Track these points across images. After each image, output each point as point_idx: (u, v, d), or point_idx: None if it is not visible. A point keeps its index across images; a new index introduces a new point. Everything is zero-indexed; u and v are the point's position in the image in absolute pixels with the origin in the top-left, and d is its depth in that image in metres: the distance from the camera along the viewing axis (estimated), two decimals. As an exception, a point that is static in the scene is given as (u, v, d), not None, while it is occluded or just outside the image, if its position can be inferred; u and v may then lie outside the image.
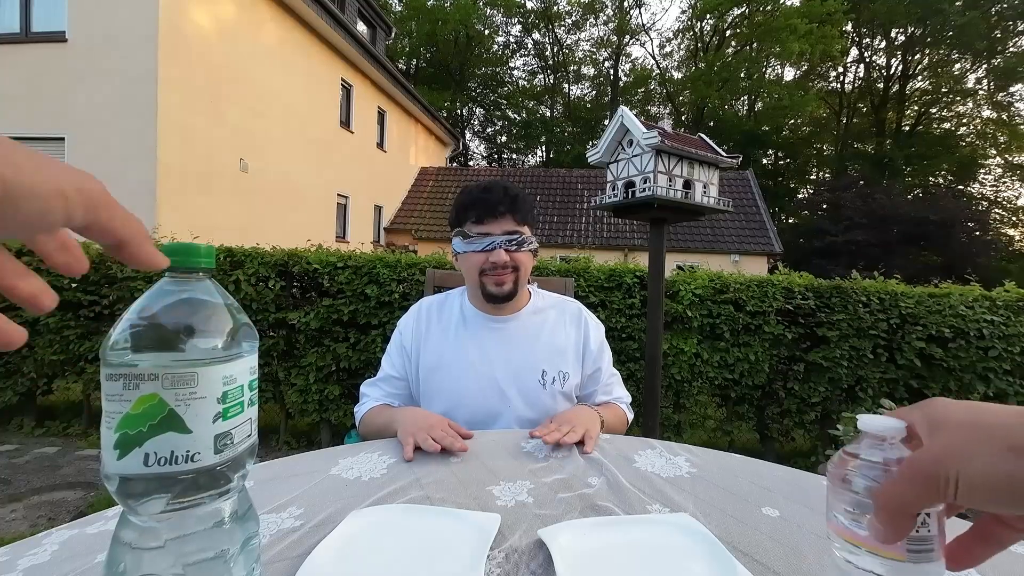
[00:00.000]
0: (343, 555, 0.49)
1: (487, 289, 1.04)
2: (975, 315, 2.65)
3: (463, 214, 1.03)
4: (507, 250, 1.01)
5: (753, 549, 0.53)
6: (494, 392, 1.04)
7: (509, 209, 1.01)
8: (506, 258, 1.00)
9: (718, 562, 0.48)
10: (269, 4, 7.47)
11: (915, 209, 14.37)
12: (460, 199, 1.05)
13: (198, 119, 6.34)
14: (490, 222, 1.01)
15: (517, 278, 1.04)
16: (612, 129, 1.88)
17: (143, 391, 0.34)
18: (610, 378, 1.14)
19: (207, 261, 0.41)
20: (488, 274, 1.02)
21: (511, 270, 1.02)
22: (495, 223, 1.01)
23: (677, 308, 2.73)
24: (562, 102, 26.78)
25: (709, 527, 0.55)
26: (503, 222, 1.01)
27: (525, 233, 1.04)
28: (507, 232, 1.01)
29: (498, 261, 1.00)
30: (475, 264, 1.02)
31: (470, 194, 1.04)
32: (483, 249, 1.00)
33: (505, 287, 1.03)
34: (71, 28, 5.93)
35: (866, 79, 23.07)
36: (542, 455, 0.80)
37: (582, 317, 1.15)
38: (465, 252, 1.02)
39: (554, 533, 0.52)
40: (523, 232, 1.03)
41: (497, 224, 1.01)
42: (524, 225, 1.04)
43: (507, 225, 1.01)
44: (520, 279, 1.05)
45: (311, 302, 2.80)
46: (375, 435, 0.95)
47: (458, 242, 1.04)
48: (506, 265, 1.01)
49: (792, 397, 2.79)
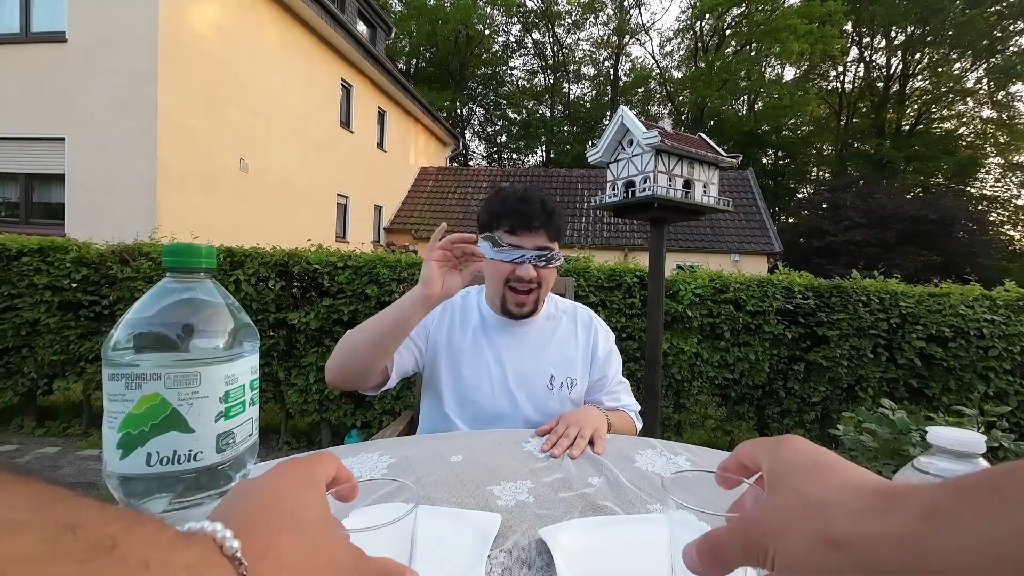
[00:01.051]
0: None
1: (507, 306, 1.04)
2: (975, 314, 2.65)
3: (497, 221, 1.01)
4: (536, 266, 1.00)
5: None
6: (504, 393, 1.04)
7: (544, 225, 1.00)
8: (533, 274, 1.00)
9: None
10: (269, 4, 7.46)
11: (915, 209, 14.36)
12: (496, 204, 1.02)
13: (198, 119, 6.33)
14: (523, 235, 0.99)
15: (539, 296, 1.04)
16: (612, 129, 1.88)
17: (145, 391, 0.35)
18: (617, 385, 1.14)
19: (208, 261, 0.41)
20: (512, 285, 1.01)
21: (535, 286, 1.01)
22: (528, 237, 0.99)
23: (677, 308, 2.73)
24: (562, 102, 26.77)
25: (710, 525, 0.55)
26: (536, 237, 1.00)
27: (555, 249, 1.02)
28: (538, 247, 1.00)
29: (525, 275, 0.99)
30: (501, 273, 1.01)
31: (506, 202, 1.01)
32: (512, 261, 0.99)
33: (525, 308, 1.04)
34: (71, 28, 5.93)
35: (866, 79, 23.07)
36: (543, 455, 0.80)
37: (592, 324, 1.15)
38: (493, 259, 1.01)
39: (555, 532, 0.52)
40: (553, 248, 1.02)
41: (530, 238, 1.00)
42: (555, 241, 1.03)
43: (539, 240, 1.00)
44: (542, 296, 1.05)
45: (311, 302, 2.80)
46: (373, 326, 0.87)
47: (487, 247, 1.00)
48: (532, 280, 1.00)
49: (792, 397, 2.79)
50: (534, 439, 0.87)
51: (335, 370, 0.92)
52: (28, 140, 6.11)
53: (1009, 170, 20.49)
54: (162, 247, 0.33)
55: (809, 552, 0.22)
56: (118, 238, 3.04)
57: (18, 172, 6.23)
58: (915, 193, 18.55)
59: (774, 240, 10.86)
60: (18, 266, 2.80)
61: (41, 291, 2.79)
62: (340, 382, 0.93)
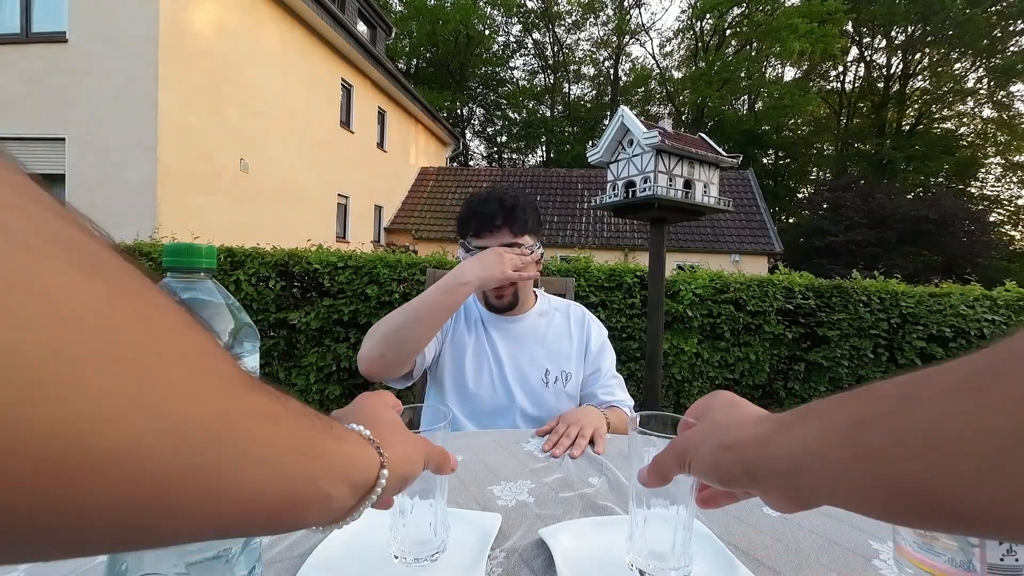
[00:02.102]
0: (344, 555, 0.50)
1: (489, 300, 1.09)
2: (976, 314, 2.65)
3: (464, 226, 1.05)
4: None
5: (754, 548, 0.53)
6: (502, 389, 1.07)
7: (505, 222, 1.01)
8: None
9: (719, 561, 0.48)
10: (269, 4, 7.47)
11: (915, 209, 14.34)
12: (463, 210, 1.07)
13: (198, 119, 6.34)
14: (487, 236, 1.02)
15: (516, 289, 1.07)
16: (612, 129, 1.88)
17: (145, 391, 0.35)
18: (611, 379, 1.15)
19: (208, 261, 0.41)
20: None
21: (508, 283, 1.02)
22: (491, 237, 1.02)
23: (677, 308, 2.73)
24: (562, 102, 26.77)
25: (710, 526, 0.55)
26: (500, 235, 1.02)
27: (523, 243, 1.03)
28: (503, 244, 1.01)
29: None
30: None
31: (469, 206, 1.05)
32: None
33: (504, 300, 1.08)
34: (71, 28, 5.93)
35: (866, 78, 23.06)
36: (543, 454, 0.80)
37: (585, 320, 1.17)
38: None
39: (555, 532, 0.52)
40: (520, 242, 1.03)
41: (494, 238, 1.02)
42: (524, 235, 1.03)
43: (504, 238, 1.02)
44: (520, 289, 1.08)
45: (311, 302, 2.80)
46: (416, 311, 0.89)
47: (462, 253, 1.07)
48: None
49: (793, 397, 2.79)
50: (534, 439, 0.87)
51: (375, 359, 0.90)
52: (28, 140, 6.11)
53: (1009, 170, 20.49)
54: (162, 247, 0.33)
55: (712, 455, 0.32)
56: (119, 238, 3.04)
57: (18, 172, 6.23)
58: (915, 193, 18.54)
59: (774, 240, 10.86)
60: (18, 266, 2.80)
61: (41, 291, 2.79)
62: (382, 370, 0.91)
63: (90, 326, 0.14)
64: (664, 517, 0.44)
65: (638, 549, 0.46)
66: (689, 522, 0.44)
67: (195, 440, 0.16)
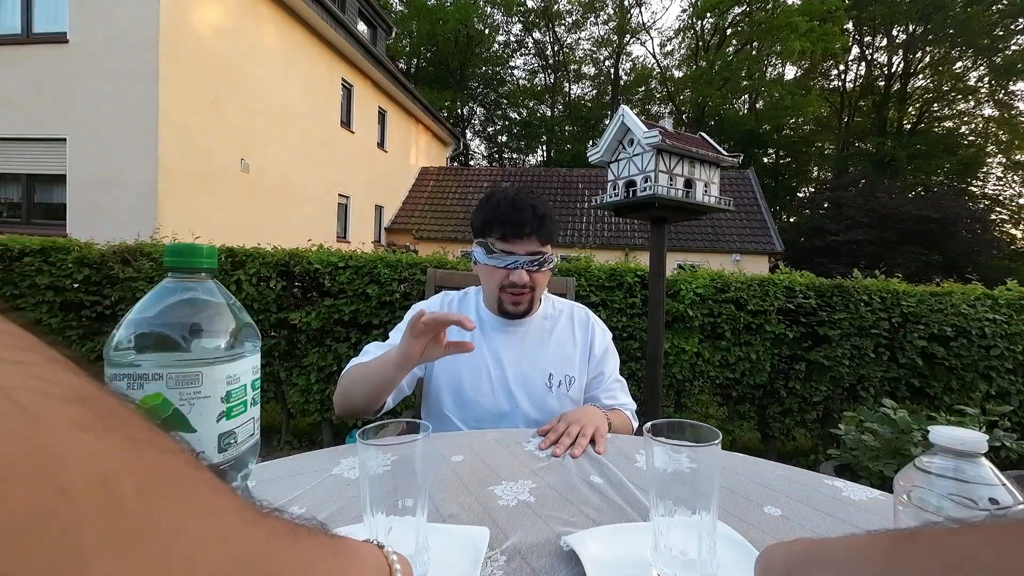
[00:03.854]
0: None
1: (503, 306, 1.07)
2: (977, 314, 2.65)
3: (489, 227, 1.02)
4: (528, 271, 1.02)
5: (756, 548, 0.53)
6: (503, 392, 1.05)
7: (535, 231, 1.01)
8: (527, 279, 1.02)
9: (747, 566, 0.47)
10: (269, 4, 7.47)
11: (916, 208, 14.31)
12: (488, 211, 1.03)
13: (199, 119, 6.34)
14: (515, 242, 1.01)
15: (533, 297, 1.06)
16: (613, 128, 1.87)
17: (147, 391, 0.35)
18: (614, 383, 1.14)
19: (209, 261, 0.41)
20: (506, 290, 1.04)
21: (529, 290, 1.04)
22: (520, 244, 1.01)
23: (678, 307, 2.72)
24: (562, 101, 26.75)
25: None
26: (528, 243, 1.01)
27: (547, 252, 1.04)
28: (530, 253, 1.01)
29: (518, 280, 1.01)
30: (495, 279, 1.04)
31: (497, 208, 1.02)
32: (505, 267, 1.02)
33: (521, 307, 1.06)
34: (72, 29, 5.94)
35: (867, 77, 23.02)
36: (544, 454, 0.80)
37: (589, 322, 1.16)
38: (486, 264, 1.03)
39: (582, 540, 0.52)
40: (545, 252, 1.03)
41: (522, 245, 1.01)
42: (547, 245, 1.04)
43: (531, 246, 1.02)
44: (536, 297, 1.08)
45: (312, 302, 2.80)
46: (363, 380, 0.91)
47: (480, 253, 1.04)
48: (525, 284, 1.02)
49: (793, 396, 2.79)
50: (535, 438, 0.87)
51: (342, 406, 0.96)
52: (29, 141, 6.13)
53: (1011, 169, 20.44)
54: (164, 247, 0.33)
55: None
56: (119, 238, 3.04)
57: (20, 173, 6.24)
58: (917, 192, 18.49)
59: (775, 239, 10.85)
60: (20, 267, 2.81)
61: (43, 291, 2.79)
62: (351, 415, 0.98)
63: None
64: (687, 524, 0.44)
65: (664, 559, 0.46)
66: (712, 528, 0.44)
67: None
